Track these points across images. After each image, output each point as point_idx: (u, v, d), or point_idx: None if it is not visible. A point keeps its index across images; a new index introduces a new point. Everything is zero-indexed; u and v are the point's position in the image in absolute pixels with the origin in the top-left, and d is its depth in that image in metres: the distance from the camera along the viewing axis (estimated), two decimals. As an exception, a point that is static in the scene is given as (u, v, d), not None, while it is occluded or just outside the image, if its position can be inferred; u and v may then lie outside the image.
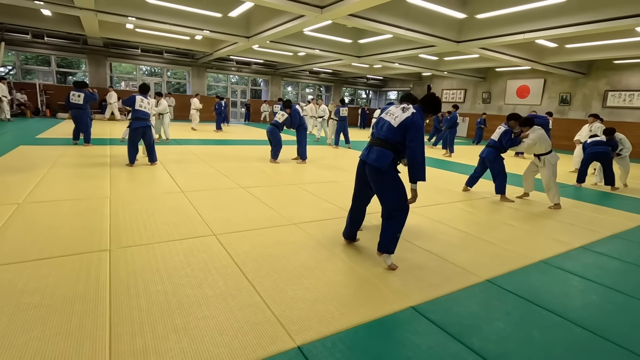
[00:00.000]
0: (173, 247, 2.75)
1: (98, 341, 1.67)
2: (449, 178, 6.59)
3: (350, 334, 1.85)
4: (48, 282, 2.14)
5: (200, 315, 1.91)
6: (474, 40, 9.52)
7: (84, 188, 4.27)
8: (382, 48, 12.32)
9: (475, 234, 3.54)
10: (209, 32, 10.60)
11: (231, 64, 18.61)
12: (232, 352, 1.66)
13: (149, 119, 5.67)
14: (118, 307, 1.94)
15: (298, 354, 1.68)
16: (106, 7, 9.13)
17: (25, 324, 1.75)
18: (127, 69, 20.34)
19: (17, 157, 5.90)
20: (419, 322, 2.00)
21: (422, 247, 3.09)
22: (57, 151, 6.60)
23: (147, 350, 1.63)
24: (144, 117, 5.59)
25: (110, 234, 2.93)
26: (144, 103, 5.61)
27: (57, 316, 1.83)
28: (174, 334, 1.75)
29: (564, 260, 3.02)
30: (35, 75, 16.09)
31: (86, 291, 2.08)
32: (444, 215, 4.10)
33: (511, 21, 8.55)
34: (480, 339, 1.87)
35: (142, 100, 5.60)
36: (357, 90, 25.28)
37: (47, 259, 2.44)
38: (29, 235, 2.82)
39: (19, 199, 3.67)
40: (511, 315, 2.13)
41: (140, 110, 5.55)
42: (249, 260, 2.61)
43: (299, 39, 11.77)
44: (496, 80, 17.05)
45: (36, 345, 1.61)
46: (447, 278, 2.55)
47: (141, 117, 5.55)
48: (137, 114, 5.53)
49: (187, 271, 2.40)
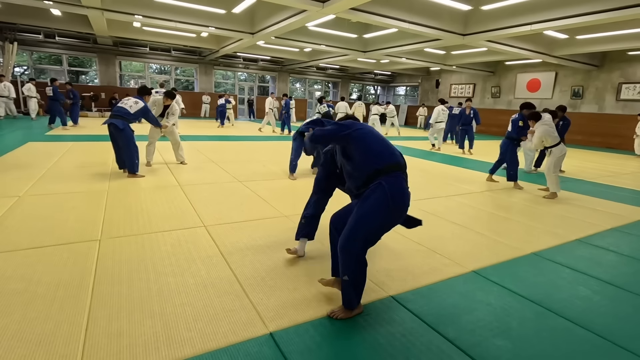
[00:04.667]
0: (162, 238, 2.80)
1: (75, 325, 1.71)
2: (452, 173, 6.51)
3: (324, 322, 1.86)
4: (36, 270, 2.20)
5: (178, 302, 1.95)
6: (480, 33, 9.35)
7: (83, 182, 4.36)
8: (388, 42, 12.21)
9: (468, 227, 3.49)
10: (214, 28, 10.67)
11: (238, 60, 18.70)
12: (204, 337, 1.68)
13: (124, 116, 4.64)
14: (99, 294, 1.98)
15: (269, 340, 1.69)
16: (113, 5, 9.27)
17: (7, 308, 1.80)
18: (137, 68, 20.62)
19: (25, 153, 6.06)
20: (396, 311, 1.99)
21: (411, 238, 3.06)
22: (63, 147, 6.76)
23: (122, 333, 1.67)
24: (117, 114, 4.65)
25: (103, 225, 3.00)
26: (129, 102, 4.78)
27: (40, 301, 1.88)
28: (150, 319, 1.79)
29: (556, 252, 2.95)
30: (48, 75, 16.47)
31: (71, 278, 2.13)
32: (438, 208, 4.06)
33: (518, 12, 8.36)
34: (455, 328, 1.85)
35: (128, 99, 4.83)
36: (365, 86, 25.12)
37: (38, 248, 2.51)
38: (24, 226, 2.91)
39: (20, 192, 3.77)
40: (492, 305, 2.10)
41: (118, 107, 4.74)
42: (235, 250, 2.64)
43: (304, 35, 11.75)
44: (506, 74, 16.71)
45: (15, 327, 1.66)
46: (433, 269, 2.52)
47: (115, 113, 4.68)
48: (113, 110, 4.77)
49: (171, 260, 2.43)
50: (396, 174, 1.83)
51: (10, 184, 4.09)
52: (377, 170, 1.82)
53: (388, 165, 1.84)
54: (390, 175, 1.81)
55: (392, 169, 1.83)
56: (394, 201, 1.77)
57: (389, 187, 1.77)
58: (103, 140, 7.96)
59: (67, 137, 8.20)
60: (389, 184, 1.78)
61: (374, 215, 1.76)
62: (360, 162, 1.88)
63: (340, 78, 22.67)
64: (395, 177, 1.82)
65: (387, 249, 2.83)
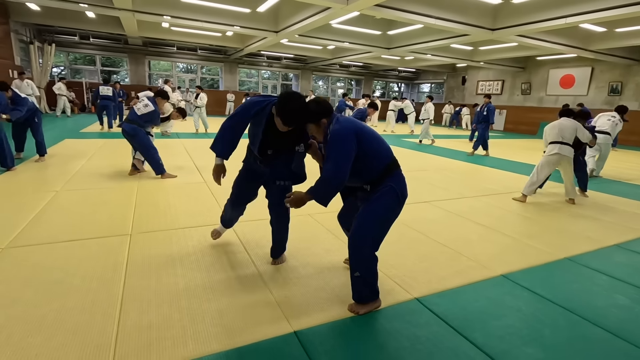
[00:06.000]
0: (188, 234, 2.87)
1: (108, 316, 1.79)
2: (476, 172, 6.32)
3: (348, 322, 1.85)
4: (72, 262, 2.31)
5: (205, 298, 1.99)
6: (510, 28, 8.99)
7: (114, 178, 4.54)
8: (413, 39, 11.97)
9: (495, 228, 3.38)
10: (239, 27, 10.82)
11: (262, 59, 18.89)
12: (230, 333, 1.71)
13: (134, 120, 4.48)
14: (130, 287, 2.06)
15: (293, 338, 1.70)
16: (143, 6, 9.57)
17: (47, 297, 1.91)
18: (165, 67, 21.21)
19: (62, 149, 6.37)
20: (422, 313, 1.95)
21: (435, 239, 3.00)
22: (96, 144, 7.06)
23: (151, 326, 1.73)
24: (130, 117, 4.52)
25: (133, 221, 3.11)
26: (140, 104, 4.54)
27: (75, 292, 1.98)
28: (178, 313, 1.84)
29: (592, 258, 2.81)
30: (83, 75, 17.24)
31: (104, 271, 2.22)
32: (463, 209, 3.94)
33: (552, 4, 7.98)
34: (483, 334, 1.80)
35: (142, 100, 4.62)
36: (389, 84, 24.79)
37: (74, 241, 2.63)
38: (61, 219, 3.06)
39: (57, 187, 3.97)
40: (522, 311, 2.02)
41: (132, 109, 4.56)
42: (259, 247, 2.67)
43: (327, 32, 11.71)
44: (537, 70, 16.03)
45: (54, 316, 1.75)
46: (459, 271, 2.46)
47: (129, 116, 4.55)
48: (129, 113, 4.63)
49: (198, 256, 2.49)
50: (398, 171, 1.92)
51: (49, 179, 4.31)
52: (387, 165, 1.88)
53: (392, 161, 1.91)
54: (394, 174, 1.88)
55: (396, 167, 1.91)
56: (404, 197, 1.91)
57: (398, 186, 1.87)
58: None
59: (99, 135, 8.56)
60: (396, 184, 1.87)
61: (386, 214, 1.87)
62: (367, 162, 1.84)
63: (364, 75, 22.46)
64: (398, 175, 1.91)
65: (412, 250, 2.78)
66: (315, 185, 1.78)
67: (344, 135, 1.76)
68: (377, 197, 1.85)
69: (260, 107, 2.08)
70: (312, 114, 1.86)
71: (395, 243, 2.91)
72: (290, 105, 1.88)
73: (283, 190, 2.21)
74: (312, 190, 1.78)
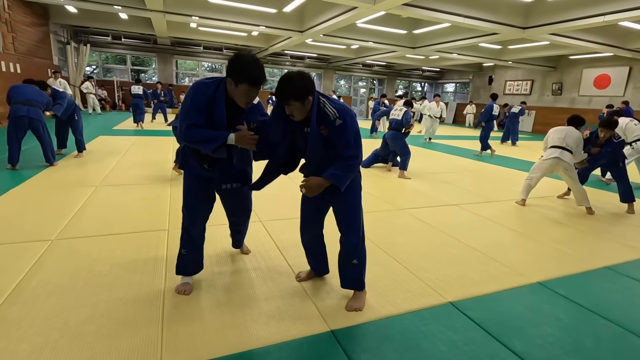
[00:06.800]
0: (221, 231, 2.94)
1: (154, 308, 1.87)
2: (505, 175, 6.17)
3: (384, 323, 1.86)
4: (116, 254, 2.43)
5: (242, 294, 2.05)
6: (543, 26, 8.72)
7: (149, 174, 4.71)
8: (439, 38, 11.79)
9: (529, 234, 3.30)
10: (264, 27, 10.97)
11: (285, 58, 19.06)
12: (268, 329, 1.76)
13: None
14: (171, 281, 2.14)
15: (330, 337, 1.73)
16: (173, 7, 9.86)
17: (97, 288, 2.02)
18: (190, 66, 21.75)
19: (98, 145, 6.67)
20: (457, 318, 1.94)
21: (467, 243, 2.96)
22: (129, 141, 7.34)
23: (194, 319, 1.80)
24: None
25: (170, 216, 3.23)
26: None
27: (121, 283, 2.08)
28: (217, 307, 1.91)
29: (635, 268, 2.70)
30: (114, 73, 17.92)
31: (145, 264, 2.32)
32: (495, 213, 3.87)
33: (588, 2, 7.67)
34: (522, 341, 1.77)
35: None
36: (412, 83, 24.46)
37: (115, 235, 2.76)
38: (102, 213, 3.21)
39: (96, 182, 4.17)
40: (561, 320, 1.98)
41: None
42: (290, 246, 2.72)
43: (352, 32, 11.69)
44: (569, 70, 15.43)
45: (104, 306, 1.86)
46: (492, 276, 2.43)
47: None
48: None
49: (233, 253, 2.57)
50: None
51: (89, 174, 4.53)
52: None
53: None
54: None
55: None
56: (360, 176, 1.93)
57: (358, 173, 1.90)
58: (162, 135, 8.52)
59: (131, 132, 8.88)
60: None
61: (358, 201, 1.92)
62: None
63: (386, 75, 22.27)
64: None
65: (442, 253, 2.76)
66: (337, 168, 1.70)
67: (355, 116, 1.76)
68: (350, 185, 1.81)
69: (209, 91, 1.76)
70: (307, 89, 1.64)
71: (424, 245, 2.90)
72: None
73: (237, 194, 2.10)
74: (334, 176, 1.71)
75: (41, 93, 4.74)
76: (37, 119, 4.57)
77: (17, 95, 4.51)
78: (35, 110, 4.56)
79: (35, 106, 4.58)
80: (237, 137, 1.75)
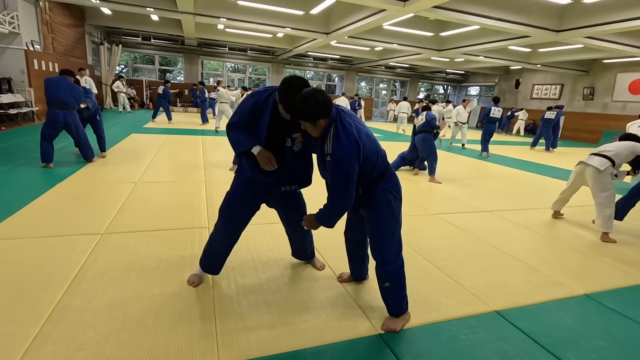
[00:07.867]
0: (260, 230, 3.00)
1: (205, 303, 1.93)
2: (538, 182, 6.02)
3: (431, 328, 1.86)
4: (162, 250, 2.52)
5: (287, 293, 2.09)
6: (579, 29, 8.44)
7: (182, 171, 4.84)
8: (467, 40, 11.58)
9: (570, 244, 3.22)
10: (290, 29, 11.07)
11: (308, 59, 19.15)
12: (317, 329, 1.79)
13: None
14: (218, 279, 2.20)
15: (378, 340, 1.74)
16: (203, 9, 10.09)
17: (150, 282, 2.10)
18: (214, 66, 22.15)
19: (131, 143, 6.89)
20: (506, 328, 1.92)
21: (506, 251, 2.91)
22: (160, 139, 7.56)
23: (244, 317, 1.84)
24: None
25: (208, 213, 3.31)
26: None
27: (171, 278, 2.16)
28: (266, 306, 1.95)
29: (686, 283, 2.59)
30: (142, 73, 18.46)
31: (192, 261, 2.39)
32: (532, 221, 3.78)
33: (627, 4, 7.39)
34: (576, 354, 1.74)
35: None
36: (435, 86, 24.14)
37: (159, 231, 2.86)
38: (144, 209, 3.33)
39: (135, 179, 4.31)
40: (614, 335, 1.92)
41: None
42: (329, 247, 2.74)
43: (377, 34, 11.65)
44: (602, 74, 14.87)
45: (158, 300, 1.93)
46: (536, 286, 2.38)
47: None
48: None
49: (273, 252, 2.61)
50: (389, 171, 1.84)
51: (127, 171, 4.69)
52: (379, 174, 1.79)
53: (386, 167, 1.83)
54: (385, 176, 1.80)
55: (387, 169, 1.84)
56: (398, 192, 1.83)
57: (389, 185, 1.80)
58: (191, 134, 8.73)
59: (161, 130, 9.13)
60: (386, 184, 1.79)
61: (389, 224, 1.79)
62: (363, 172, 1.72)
63: (409, 77, 22.05)
64: (389, 175, 1.83)
65: (482, 261, 2.73)
66: (322, 211, 1.73)
67: (351, 157, 1.61)
68: (375, 204, 1.77)
69: (260, 98, 1.86)
70: (316, 112, 1.62)
71: (462, 251, 2.87)
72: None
73: (293, 197, 2.15)
74: (320, 217, 1.75)
75: (75, 88, 4.79)
76: (72, 122, 4.70)
77: (53, 96, 4.54)
78: (71, 114, 4.68)
79: (71, 108, 4.69)
80: (259, 152, 1.84)
